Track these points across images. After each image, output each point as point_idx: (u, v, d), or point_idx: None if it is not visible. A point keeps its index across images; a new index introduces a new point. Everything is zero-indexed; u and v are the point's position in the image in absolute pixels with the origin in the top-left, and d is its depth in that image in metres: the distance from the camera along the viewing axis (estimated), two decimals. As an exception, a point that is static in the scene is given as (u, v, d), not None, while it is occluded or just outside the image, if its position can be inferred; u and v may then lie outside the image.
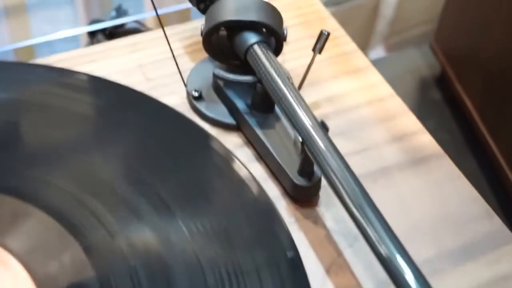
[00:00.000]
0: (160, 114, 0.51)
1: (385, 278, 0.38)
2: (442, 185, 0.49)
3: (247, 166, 0.48)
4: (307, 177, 0.46)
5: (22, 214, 0.43)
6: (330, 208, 0.47)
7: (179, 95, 0.54)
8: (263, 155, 0.50)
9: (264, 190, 0.46)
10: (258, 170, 0.49)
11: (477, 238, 0.46)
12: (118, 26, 0.72)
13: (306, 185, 0.46)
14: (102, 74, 0.55)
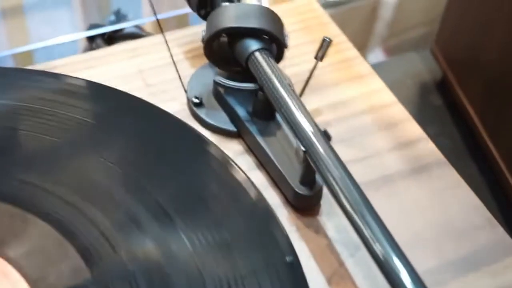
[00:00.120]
0: (158, 121, 0.51)
1: (387, 288, 0.37)
2: (444, 193, 0.49)
3: (248, 174, 0.47)
4: (309, 186, 0.46)
5: (20, 222, 0.43)
6: (332, 217, 0.46)
7: (179, 101, 0.54)
8: (264, 163, 0.49)
9: (262, 195, 0.46)
10: (259, 178, 0.49)
11: (479, 248, 0.46)
12: (117, 30, 0.71)
13: (308, 194, 0.46)
14: (101, 79, 0.54)
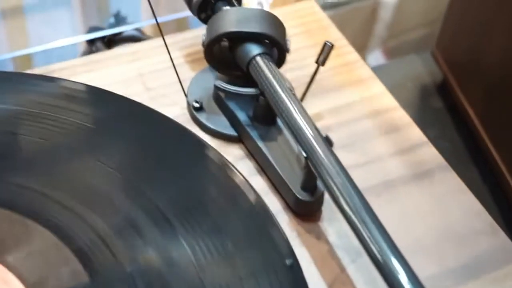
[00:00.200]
0: (158, 126, 0.50)
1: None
2: (445, 199, 0.48)
3: (249, 179, 0.47)
4: (310, 191, 0.46)
5: (20, 227, 0.43)
6: (333, 222, 0.46)
7: (179, 106, 0.53)
8: (265, 168, 0.49)
9: (261, 198, 0.46)
10: (259, 183, 0.49)
11: (481, 254, 0.45)
12: (117, 33, 0.71)
13: (309, 200, 0.46)
14: (101, 83, 0.54)
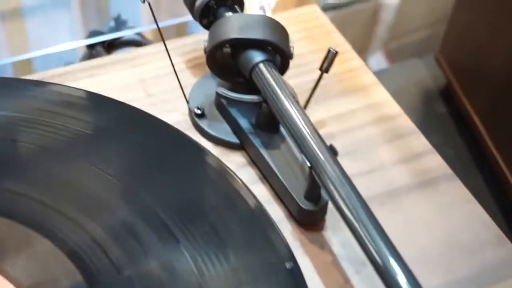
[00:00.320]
0: (158, 132, 0.50)
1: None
2: (451, 208, 0.48)
3: (251, 187, 0.47)
4: (314, 201, 0.45)
5: (18, 236, 0.42)
6: (337, 232, 0.46)
7: (181, 112, 0.53)
8: (268, 176, 0.48)
9: (260, 202, 0.46)
10: (262, 191, 0.48)
11: (487, 266, 0.45)
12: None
13: (313, 209, 0.45)
14: (101, 89, 0.54)
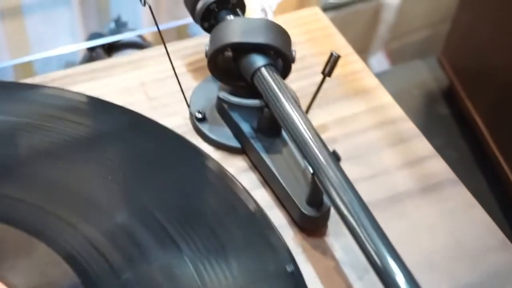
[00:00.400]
0: (157, 136, 0.50)
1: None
2: (455, 214, 0.47)
3: (252, 192, 0.46)
4: (316, 207, 0.45)
5: (17, 242, 0.42)
6: (339, 237, 0.45)
7: (182, 116, 0.52)
8: (269, 181, 0.48)
9: (260, 206, 0.45)
10: (263, 196, 0.48)
11: (491, 271, 0.44)
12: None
13: (315, 215, 0.45)
14: (102, 92, 0.53)
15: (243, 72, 0.48)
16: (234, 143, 0.50)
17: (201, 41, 0.58)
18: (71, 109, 0.50)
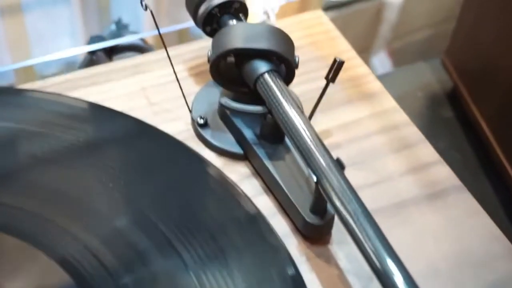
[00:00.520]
0: (158, 142, 0.49)
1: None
2: (460, 221, 0.47)
3: (255, 199, 0.46)
4: (320, 215, 0.44)
5: (17, 252, 0.42)
6: (343, 246, 0.45)
7: (184, 121, 0.52)
8: (272, 188, 0.47)
9: (261, 212, 0.45)
10: (266, 203, 0.47)
11: (498, 280, 0.44)
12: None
13: (319, 223, 0.44)
14: (103, 97, 0.53)
15: (246, 78, 0.48)
16: (237, 149, 0.50)
17: (203, 45, 0.57)
18: (71, 115, 0.50)
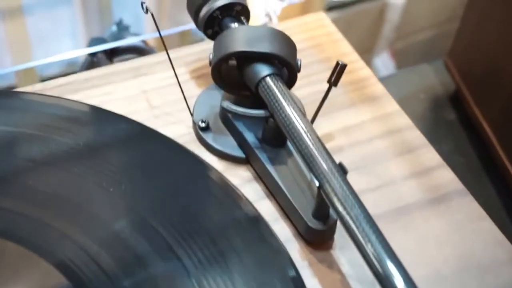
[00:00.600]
0: (158, 146, 0.49)
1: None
2: (464, 226, 0.46)
3: (257, 203, 0.46)
4: (322, 220, 0.44)
5: (18, 258, 0.41)
6: (346, 251, 0.44)
7: (185, 124, 0.51)
8: (274, 193, 0.47)
9: (261, 215, 0.45)
10: (268, 207, 0.47)
11: (502, 285, 0.43)
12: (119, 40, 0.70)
13: (321, 228, 0.44)
14: (103, 100, 0.52)
15: (248, 81, 0.47)
16: (238, 153, 0.49)
17: (204, 47, 0.57)
18: (71, 118, 0.49)
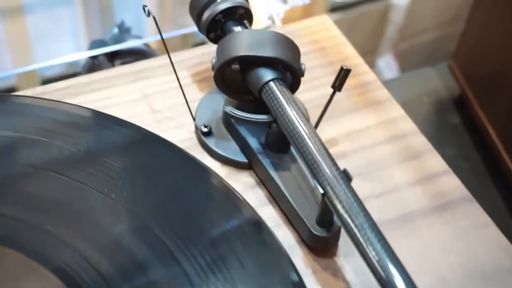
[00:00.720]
0: (160, 151, 0.48)
1: None
2: (469, 233, 0.46)
3: (260, 209, 0.45)
4: (326, 227, 0.43)
5: (19, 266, 0.41)
6: (350, 258, 0.44)
7: (187, 129, 0.51)
8: (277, 199, 0.47)
9: (263, 220, 0.44)
10: (271, 213, 0.46)
11: (508, 294, 0.43)
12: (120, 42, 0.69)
13: (325, 235, 0.43)
14: (104, 104, 0.52)
15: (251, 86, 0.47)
16: (241, 158, 0.49)
17: (206, 50, 0.56)
18: (71, 123, 0.49)
